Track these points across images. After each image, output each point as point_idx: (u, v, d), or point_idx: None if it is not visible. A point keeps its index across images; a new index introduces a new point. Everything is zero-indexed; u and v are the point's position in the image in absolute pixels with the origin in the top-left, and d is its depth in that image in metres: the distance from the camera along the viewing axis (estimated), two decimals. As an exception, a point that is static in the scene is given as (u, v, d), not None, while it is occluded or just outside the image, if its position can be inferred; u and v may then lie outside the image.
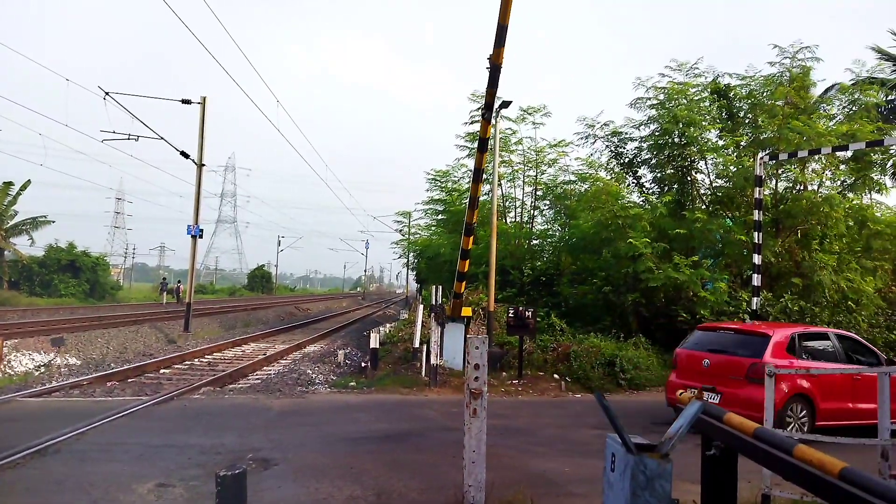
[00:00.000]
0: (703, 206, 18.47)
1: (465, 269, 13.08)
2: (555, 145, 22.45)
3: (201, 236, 23.77)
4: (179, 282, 49.59)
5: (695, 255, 16.51)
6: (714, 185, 19.06)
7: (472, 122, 22.37)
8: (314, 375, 14.48)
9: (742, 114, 18.82)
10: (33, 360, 15.10)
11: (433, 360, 12.48)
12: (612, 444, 3.08)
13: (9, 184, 41.02)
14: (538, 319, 15.41)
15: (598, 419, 9.63)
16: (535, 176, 23.07)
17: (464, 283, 13.65)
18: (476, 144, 22.12)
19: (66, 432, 7.68)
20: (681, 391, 5.15)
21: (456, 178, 26.13)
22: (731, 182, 18.13)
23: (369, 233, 78.46)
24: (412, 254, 43.10)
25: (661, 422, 9.17)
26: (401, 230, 44.11)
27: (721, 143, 18.29)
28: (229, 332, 24.50)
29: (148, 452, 7.11)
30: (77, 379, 12.32)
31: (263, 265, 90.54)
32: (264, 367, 15.81)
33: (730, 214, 18.22)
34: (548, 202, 23.55)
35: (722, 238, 17.46)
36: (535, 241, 23.33)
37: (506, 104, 16.25)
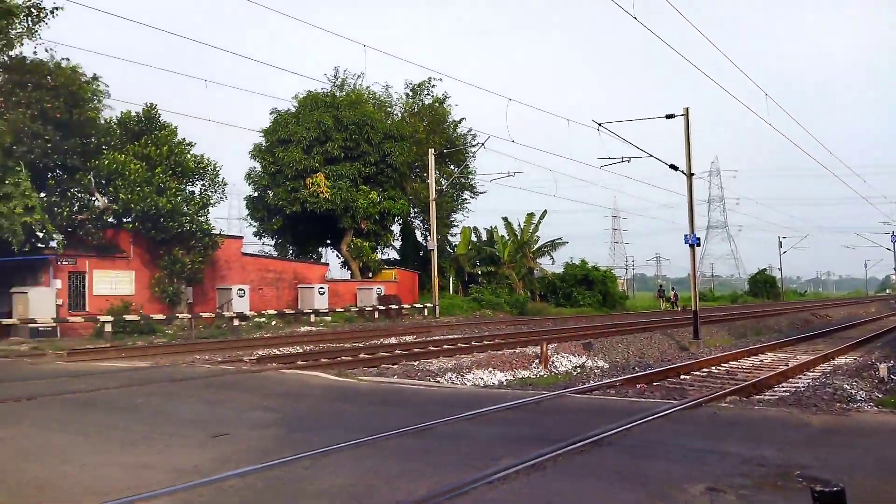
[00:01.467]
0: None
1: None
2: None
3: (699, 244, 23.85)
4: (674, 289, 52.78)
5: None
6: None
7: None
8: (853, 391, 12.64)
9: None
10: (570, 361, 17.66)
11: None
12: None
13: (531, 215, 50.53)
14: None
15: None
16: None
17: None
18: None
19: (612, 428, 8.56)
20: None
21: None
22: None
23: (896, 223, 64.44)
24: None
25: None
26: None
27: None
28: (740, 341, 23.72)
29: (689, 455, 7.34)
30: (610, 380, 13.78)
31: (764, 269, 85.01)
32: (790, 379, 14.67)
33: None
34: None
35: None
36: None
37: None
